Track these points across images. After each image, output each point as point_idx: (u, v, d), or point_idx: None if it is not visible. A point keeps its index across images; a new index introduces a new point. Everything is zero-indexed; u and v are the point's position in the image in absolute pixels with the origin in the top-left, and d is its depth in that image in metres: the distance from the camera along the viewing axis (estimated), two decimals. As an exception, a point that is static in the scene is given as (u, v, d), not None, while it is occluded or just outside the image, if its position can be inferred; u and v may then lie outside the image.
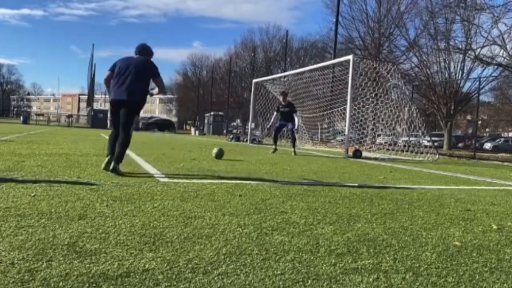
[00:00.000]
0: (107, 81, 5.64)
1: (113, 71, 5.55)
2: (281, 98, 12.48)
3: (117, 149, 5.29)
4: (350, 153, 11.89)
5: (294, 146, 11.95)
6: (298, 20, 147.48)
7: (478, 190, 5.57)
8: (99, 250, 2.13)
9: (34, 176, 4.49)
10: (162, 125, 44.92)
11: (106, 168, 5.15)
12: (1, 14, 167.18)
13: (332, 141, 18.89)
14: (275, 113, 12.68)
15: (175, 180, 4.81)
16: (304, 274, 1.97)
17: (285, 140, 23.42)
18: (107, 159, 5.26)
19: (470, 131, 39.73)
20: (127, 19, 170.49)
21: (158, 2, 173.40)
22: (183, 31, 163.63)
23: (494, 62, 26.01)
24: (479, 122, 39.21)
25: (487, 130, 54.71)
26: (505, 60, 25.63)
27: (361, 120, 14.78)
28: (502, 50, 25.27)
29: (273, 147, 12.15)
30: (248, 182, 5.01)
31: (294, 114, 11.89)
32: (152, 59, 5.72)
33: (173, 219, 2.87)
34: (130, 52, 5.86)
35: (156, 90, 5.75)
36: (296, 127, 11.99)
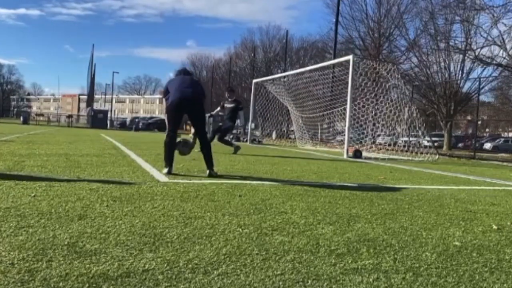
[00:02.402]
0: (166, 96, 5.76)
1: (168, 92, 5.72)
2: (226, 94, 11.60)
3: (205, 156, 5.56)
4: (350, 153, 11.88)
5: (230, 144, 10.91)
6: (294, 19, 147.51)
7: (478, 190, 5.58)
8: (99, 250, 2.13)
9: (34, 176, 4.49)
10: (162, 125, 44.90)
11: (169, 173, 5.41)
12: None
13: (332, 141, 18.88)
14: (219, 108, 11.59)
15: (175, 180, 4.80)
16: (304, 274, 1.97)
17: (285, 140, 23.42)
18: (166, 170, 5.45)
19: (470, 131, 39.74)
20: (124, 19, 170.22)
21: (155, 1, 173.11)
22: (180, 31, 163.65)
23: (494, 62, 26.01)
24: (479, 122, 39.21)
25: (487, 130, 54.71)
26: (505, 60, 25.64)
27: (361, 120, 14.78)
28: (501, 50, 25.29)
29: (233, 146, 10.78)
30: (248, 182, 5.01)
31: (239, 112, 10.96)
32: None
33: (173, 219, 2.87)
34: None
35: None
36: (238, 123, 11.44)
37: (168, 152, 5.55)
